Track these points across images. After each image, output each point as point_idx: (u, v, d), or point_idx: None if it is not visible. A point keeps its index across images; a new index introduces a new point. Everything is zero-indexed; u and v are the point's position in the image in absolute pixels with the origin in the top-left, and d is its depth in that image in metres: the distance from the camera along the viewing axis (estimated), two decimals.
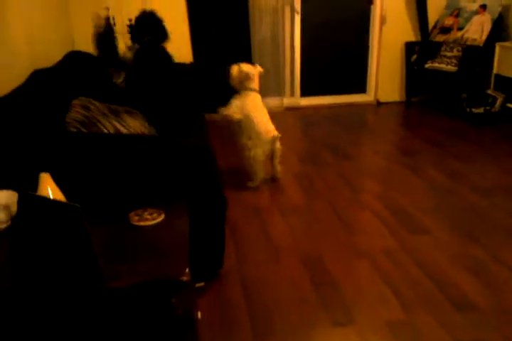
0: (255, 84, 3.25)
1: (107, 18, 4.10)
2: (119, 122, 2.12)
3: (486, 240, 2.50)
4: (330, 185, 3.26)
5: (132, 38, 2.86)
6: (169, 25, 4.47)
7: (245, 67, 3.22)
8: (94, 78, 2.94)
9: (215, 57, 4.71)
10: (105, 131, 2.04)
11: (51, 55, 3.17)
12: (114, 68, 3.42)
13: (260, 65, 4.76)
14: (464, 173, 3.38)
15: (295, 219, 2.79)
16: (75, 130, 1.94)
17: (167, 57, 2.77)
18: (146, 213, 1.64)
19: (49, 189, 1.47)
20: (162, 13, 4.44)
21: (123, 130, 2.09)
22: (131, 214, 1.64)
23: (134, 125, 2.14)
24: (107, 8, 4.11)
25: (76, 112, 2.03)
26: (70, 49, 3.74)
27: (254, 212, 2.88)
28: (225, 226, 2.09)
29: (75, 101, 2.14)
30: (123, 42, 4.26)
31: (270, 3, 4.75)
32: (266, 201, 3.04)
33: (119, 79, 3.05)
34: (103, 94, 2.76)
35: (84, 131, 1.95)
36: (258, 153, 3.14)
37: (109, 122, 2.09)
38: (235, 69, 3.23)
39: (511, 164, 3.54)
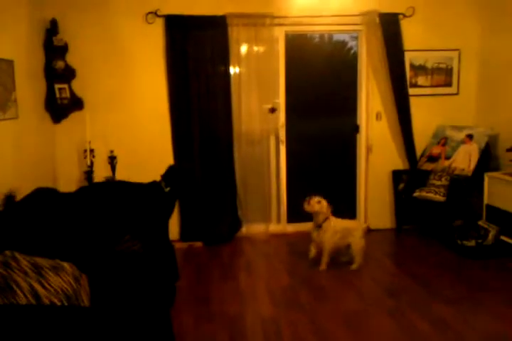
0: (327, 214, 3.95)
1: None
2: (39, 281, 1.96)
3: None
4: (298, 334, 2.94)
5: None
6: (154, 155, 4.63)
7: (323, 202, 3.94)
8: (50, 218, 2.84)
9: (197, 185, 4.66)
10: (20, 294, 1.88)
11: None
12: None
13: (246, 192, 4.83)
14: (449, 322, 3.05)
15: None
16: None
17: None
18: None
19: None
20: (148, 146, 4.60)
21: (41, 291, 1.92)
22: None
23: (55, 283, 1.97)
24: (90, 142, 4.17)
25: None
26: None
27: None
28: None
29: None
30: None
31: (254, 134, 4.80)
32: None
33: None
34: (49, 238, 2.64)
35: None
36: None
37: (28, 283, 1.93)
38: (314, 201, 3.94)
39: (502, 310, 3.20)
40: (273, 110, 4.82)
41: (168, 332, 2.58)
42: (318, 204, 3.96)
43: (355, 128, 5.14)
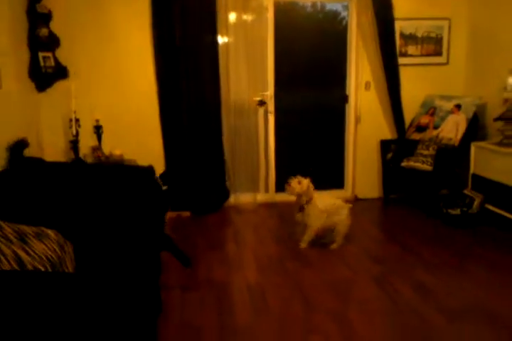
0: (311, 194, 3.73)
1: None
2: (22, 248, 1.96)
3: None
4: (284, 300, 3.00)
5: None
6: (141, 125, 4.59)
7: (305, 182, 3.68)
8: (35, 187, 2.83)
9: (186, 156, 4.65)
10: (4, 261, 1.88)
11: None
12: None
13: (234, 162, 4.83)
14: (432, 289, 3.11)
15: None
16: None
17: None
18: None
19: None
20: (134, 116, 4.56)
21: (25, 258, 1.92)
22: None
23: (39, 250, 1.97)
24: (75, 112, 4.11)
25: None
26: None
27: (192, 333, 2.61)
28: None
29: None
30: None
31: (243, 104, 4.76)
32: (209, 318, 2.77)
33: None
34: (32, 206, 2.64)
35: None
36: None
37: (11, 250, 1.93)
38: (295, 184, 3.69)
39: (485, 277, 3.27)
40: (262, 103, 4.78)
41: (156, 300, 2.62)
42: (298, 185, 3.68)
43: (344, 99, 5.11)
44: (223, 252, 3.85)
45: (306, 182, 3.72)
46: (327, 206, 3.78)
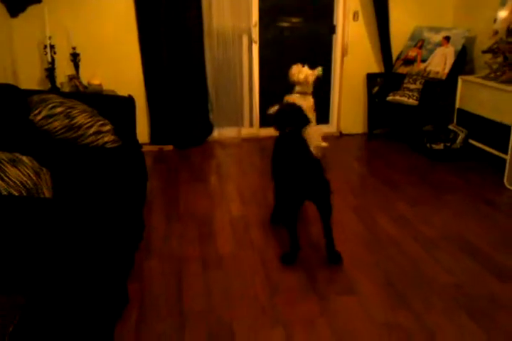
0: (310, 87, 3.79)
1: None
2: None
3: (417, 304, 2.28)
4: (266, 232, 3.04)
5: (277, 128, 3.00)
6: (119, 54, 4.40)
7: (305, 70, 3.71)
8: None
9: (167, 88, 4.51)
10: None
11: None
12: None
13: (217, 94, 4.71)
14: (411, 219, 3.17)
15: (216, 274, 2.55)
16: None
17: (304, 145, 2.87)
18: None
19: None
20: (112, 44, 4.35)
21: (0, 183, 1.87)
22: None
23: (14, 176, 1.92)
24: (50, 38, 3.90)
25: None
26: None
27: (174, 263, 2.64)
28: (134, 280, 1.85)
29: None
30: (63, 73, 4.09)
31: (226, 32, 4.57)
32: (191, 249, 2.80)
33: (39, 116, 2.82)
34: (7, 133, 2.56)
35: None
36: None
37: None
38: (295, 70, 3.72)
39: (463, 209, 3.33)
40: None
41: (138, 228, 2.62)
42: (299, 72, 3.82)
43: (332, 29, 4.93)
44: (206, 185, 3.84)
45: (305, 70, 3.75)
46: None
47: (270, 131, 3.93)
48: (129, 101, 3.34)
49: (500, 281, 2.46)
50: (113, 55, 4.37)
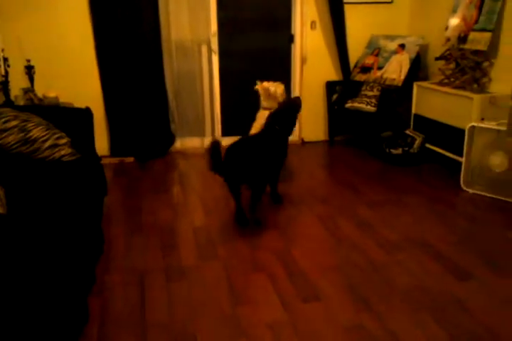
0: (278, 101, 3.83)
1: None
2: None
3: (380, 306, 2.30)
4: (229, 241, 3.02)
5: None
6: (76, 65, 4.33)
7: (276, 84, 3.80)
8: None
9: (126, 99, 4.46)
10: None
11: None
12: None
13: (178, 104, 4.68)
14: (373, 224, 3.21)
15: (180, 285, 2.52)
16: None
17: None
18: None
19: None
20: (68, 55, 4.28)
21: None
22: None
23: None
24: (2, 50, 3.81)
25: None
26: None
27: (136, 276, 2.59)
28: (95, 295, 1.80)
29: None
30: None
31: (185, 43, 4.57)
32: (154, 261, 2.76)
33: None
34: None
35: None
36: None
37: None
38: (268, 84, 3.79)
39: (422, 211, 3.40)
40: None
41: (98, 242, 2.57)
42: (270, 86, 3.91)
43: (290, 38, 4.99)
44: (169, 196, 3.80)
45: (276, 84, 3.92)
46: None
47: (233, 141, 3.95)
48: (87, 113, 3.29)
49: (459, 280, 2.51)
50: (69, 66, 4.30)
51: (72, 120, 3.22)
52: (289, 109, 3.50)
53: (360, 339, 2.08)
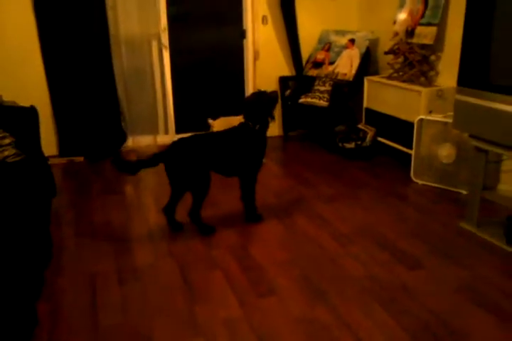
0: None
1: None
2: None
3: (334, 298, 2.33)
4: (184, 239, 2.98)
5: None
6: (19, 62, 4.17)
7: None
8: None
9: (74, 97, 4.34)
10: None
11: None
12: None
13: (128, 101, 4.59)
14: (327, 217, 3.25)
15: (133, 286, 2.47)
16: None
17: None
18: None
19: None
20: (11, 52, 4.12)
21: None
22: None
23: None
24: None
25: None
26: None
27: (87, 279, 2.53)
28: (44, 299, 1.74)
29: None
30: None
31: (135, 38, 4.48)
32: (106, 263, 2.70)
33: None
34: None
35: None
36: None
37: None
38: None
39: (375, 203, 3.47)
40: None
41: (47, 246, 2.49)
42: None
43: (242, 34, 4.97)
44: (121, 196, 3.72)
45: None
46: None
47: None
48: (31, 112, 3.18)
49: (409, 269, 2.58)
50: (12, 64, 4.14)
51: (16, 119, 3.10)
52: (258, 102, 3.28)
53: (314, 332, 2.10)
